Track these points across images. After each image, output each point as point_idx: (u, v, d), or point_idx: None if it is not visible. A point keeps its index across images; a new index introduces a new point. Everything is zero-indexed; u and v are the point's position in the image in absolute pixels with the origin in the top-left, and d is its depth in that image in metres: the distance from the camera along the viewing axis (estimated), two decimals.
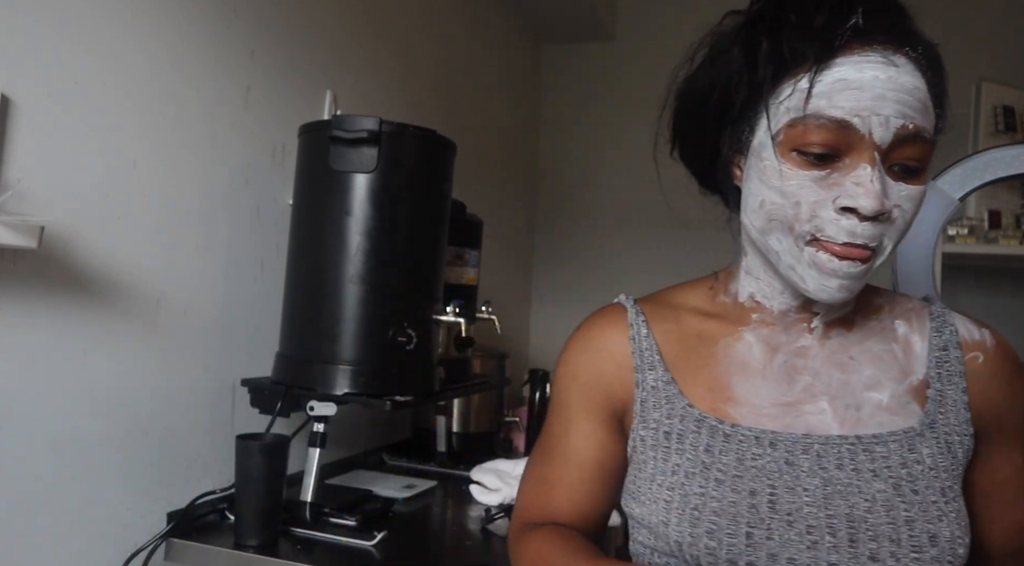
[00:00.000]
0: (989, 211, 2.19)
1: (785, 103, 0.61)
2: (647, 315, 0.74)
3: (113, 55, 1.03)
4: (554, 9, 2.52)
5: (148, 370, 1.11)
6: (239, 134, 1.28)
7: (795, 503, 0.62)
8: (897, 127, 0.59)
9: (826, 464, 0.63)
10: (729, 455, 0.65)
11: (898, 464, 0.63)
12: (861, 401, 0.66)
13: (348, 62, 1.58)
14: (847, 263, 0.60)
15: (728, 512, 0.63)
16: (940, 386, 0.67)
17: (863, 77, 0.58)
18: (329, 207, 1.17)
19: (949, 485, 0.63)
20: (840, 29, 0.59)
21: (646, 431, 0.70)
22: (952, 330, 0.70)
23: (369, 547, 1.10)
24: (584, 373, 0.74)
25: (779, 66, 0.61)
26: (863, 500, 0.61)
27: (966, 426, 0.66)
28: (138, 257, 1.08)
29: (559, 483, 0.75)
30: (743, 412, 0.67)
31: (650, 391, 0.71)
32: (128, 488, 1.08)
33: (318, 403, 1.15)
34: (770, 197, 0.62)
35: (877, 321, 0.71)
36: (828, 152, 0.59)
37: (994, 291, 2.48)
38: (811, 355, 0.68)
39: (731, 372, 0.69)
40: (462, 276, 1.53)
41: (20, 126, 0.91)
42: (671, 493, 0.66)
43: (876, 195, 0.58)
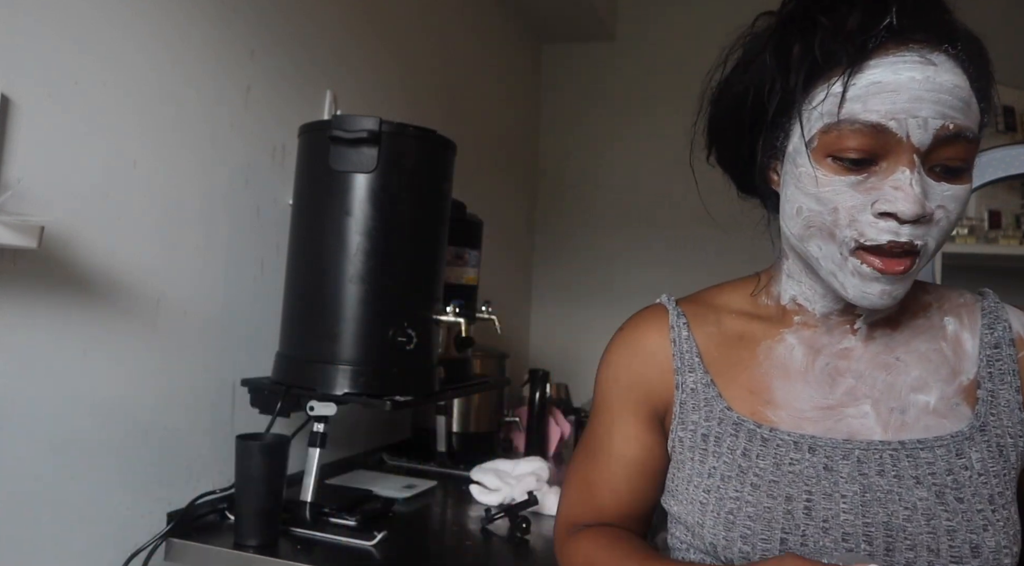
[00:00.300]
0: (989, 211, 2.19)
1: (819, 108, 0.60)
2: (688, 316, 0.73)
3: (113, 55, 1.03)
4: (554, 9, 2.52)
5: (148, 370, 1.11)
6: (239, 134, 1.28)
7: (832, 510, 0.61)
8: (936, 128, 0.57)
9: (866, 470, 0.62)
10: (766, 459, 0.64)
11: (944, 471, 0.61)
12: (907, 404, 0.64)
13: (348, 62, 1.58)
14: (890, 275, 0.59)
15: (763, 517, 0.62)
16: (992, 386, 0.64)
17: (899, 79, 0.57)
18: (329, 207, 1.17)
19: (1000, 491, 0.61)
20: (874, 30, 0.57)
21: (685, 432, 0.70)
22: (1005, 326, 0.67)
23: (369, 547, 1.10)
24: (626, 375, 0.74)
25: (811, 70, 0.60)
26: (903, 508, 0.60)
27: (1020, 427, 0.63)
28: (138, 257, 1.08)
29: (603, 483, 0.75)
30: (782, 416, 0.66)
31: (689, 393, 0.70)
32: (128, 488, 1.08)
33: (318, 403, 1.15)
34: (807, 204, 0.61)
35: (925, 318, 0.69)
36: (864, 157, 0.58)
37: (994, 291, 2.48)
38: (855, 357, 0.67)
39: (771, 375, 0.68)
40: (462, 276, 1.53)
41: (20, 126, 0.91)
42: (707, 495, 0.66)
43: (916, 199, 0.56)
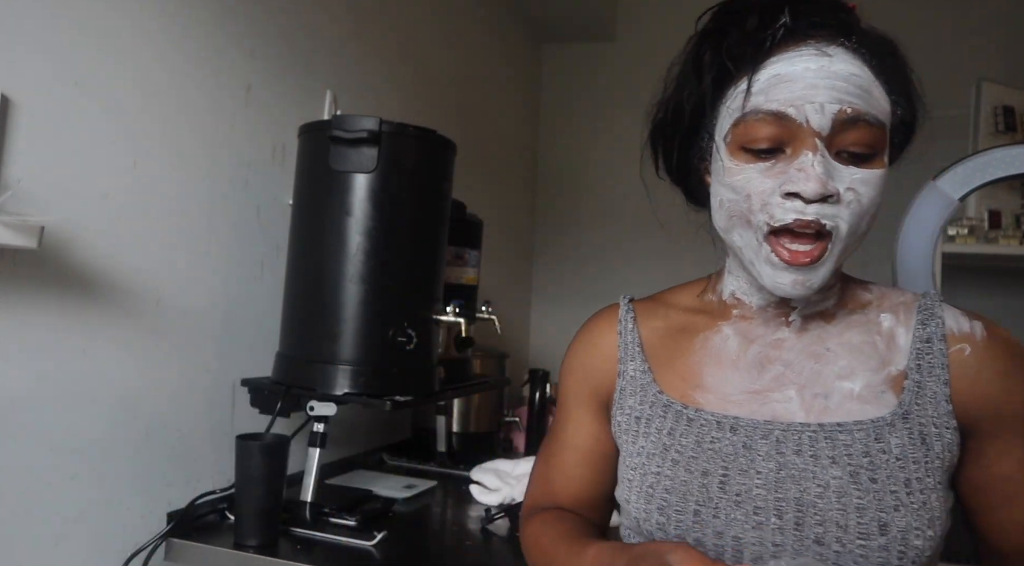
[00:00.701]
0: (989, 211, 2.19)
1: (729, 105, 0.65)
2: (637, 312, 0.79)
3: (113, 56, 1.03)
4: (554, 9, 2.52)
5: (148, 370, 1.11)
6: (239, 134, 1.28)
7: (745, 485, 0.65)
8: (834, 113, 0.61)
9: (784, 450, 0.65)
10: (689, 438, 0.69)
11: (860, 453, 0.63)
12: (831, 390, 0.67)
13: (348, 62, 1.58)
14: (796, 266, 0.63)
15: (679, 490, 0.67)
16: (919, 377, 0.66)
17: (795, 70, 0.61)
18: (329, 207, 1.17)
19: (918, 477, 0.63)
20: (771, 29, 0.62)
21: (622, 417, 0.75)
22: (939, 322, 0.69)
23: (369, 547, 1.10)
24: (578, 367, 0.81)
25: (720, 72, 0.65)
26: (816, 486, 0.63)
27: (947, 418, 0.65)
28: (138, 257, 1.08)
29: (558, 470, 0.81)
30: (710, 399, 0.70)
31: (629, 380, 0.75)
32: (128, 488, 1.08)
33: (318, 403, 1.15)
34: (726, 195, 0.66)
35: (862, 314, 0.72)
36: (771, 144, 0.62)
37: (994, 291, 2.48)
38: (786, 347, 0.70)
39: (704, 362, 0.72)
40: (462, 276, 1.53)
41: (20, 126, 0.91)
42: (633, 472, 0.71)
43: (817, 178, 0.60)
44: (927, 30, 2.56)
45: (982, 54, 2.48)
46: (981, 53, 2.49)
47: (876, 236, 2.69)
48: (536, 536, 0.76)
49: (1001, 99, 2.24)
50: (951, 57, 2.51)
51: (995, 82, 2.28)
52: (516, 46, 2.63)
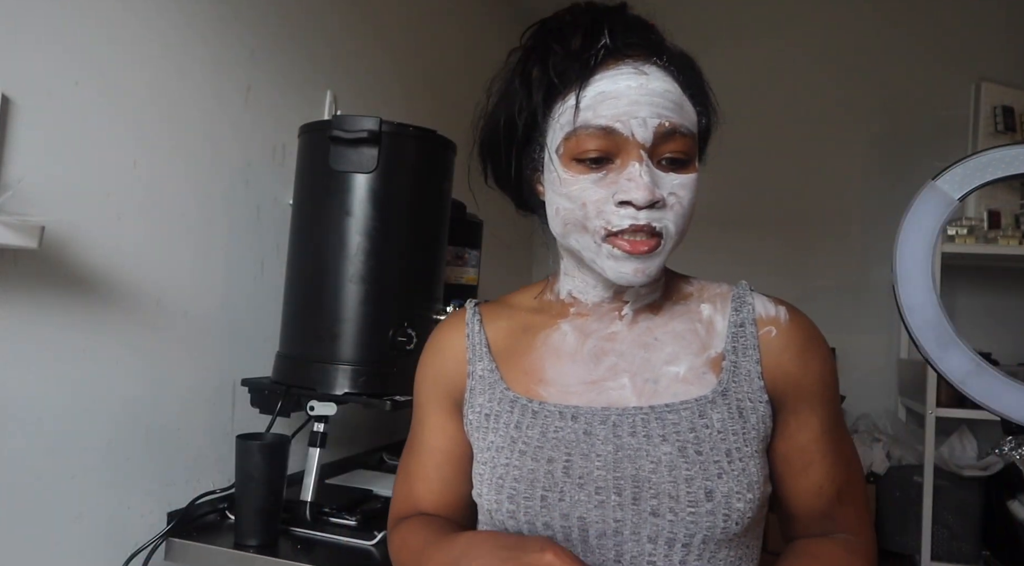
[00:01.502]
0: (988, 211, 2.19)
1: (560, 120, 0.70)
2: (483, 314, 0.84)
3: (113, 56, 1.03)
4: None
5: (148, 370, 1.11)
6: (239, 134, 1.28)
7: (587, 468, 0.70)
8: (655, 126, 0.67)
9: (620, 432, 0.70)
10: (534, 429, 0.73)
11: (687, 429, 0.70)
12: (659, 375, 0.73)
13: (348, 62, 1.58)
14: (637, 255, 0.69)
15: (527, 478, 0.71)
16: (735, 358, 0.73)
17: (618, 87, 0.68)
18: (329, 207, 1.17)
19: (737, 447, 0.69)
20: (593, 49, 0.69)
21: (473, 415, 0.78)
22: (750, 308, 0.76)
23: (369, 547, 1.10)
24: (431, 372, 0.84)
25: (549, 89, 0.70)
26: (649, 462, 0.68)
27: (760, 393, 0.72)
28: (138, 257, 1.08)
29: (417, 474, 0.84)
30: (552, 391, 0.75)
31: (478, 379, 0.79)
32: (128, 488, 1.08)
33: (318, 403, 1.15)
34: (562, 204, 0.71)
35: (684, 305, 0.78)
36: (601, 155, 0.68)
37: (994, 291, 2.48)
38: (619, 339, 0.76)
39: (545, 357, 0.77)
40: (462, 276, 1.53)
41: (20, 126, 0.91)
42: (483, 467, 0.74)
43: (646, 187, 0.66)
44: (927, 30, 2.56)
45: (982, 54, 2.48)
46: (981, 53, 2.49)
47: (876, 236, 2.72)
48: (404, 541, 0.78)
49: (1001, 99, 2.24)
50: (951, 57, 2.52)
51: (995, 82, 2.28)
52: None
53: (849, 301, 2.59)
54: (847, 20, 2.64)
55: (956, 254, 2.11)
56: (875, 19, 2.60)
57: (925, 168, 1.59)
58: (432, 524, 0.78)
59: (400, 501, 0.85)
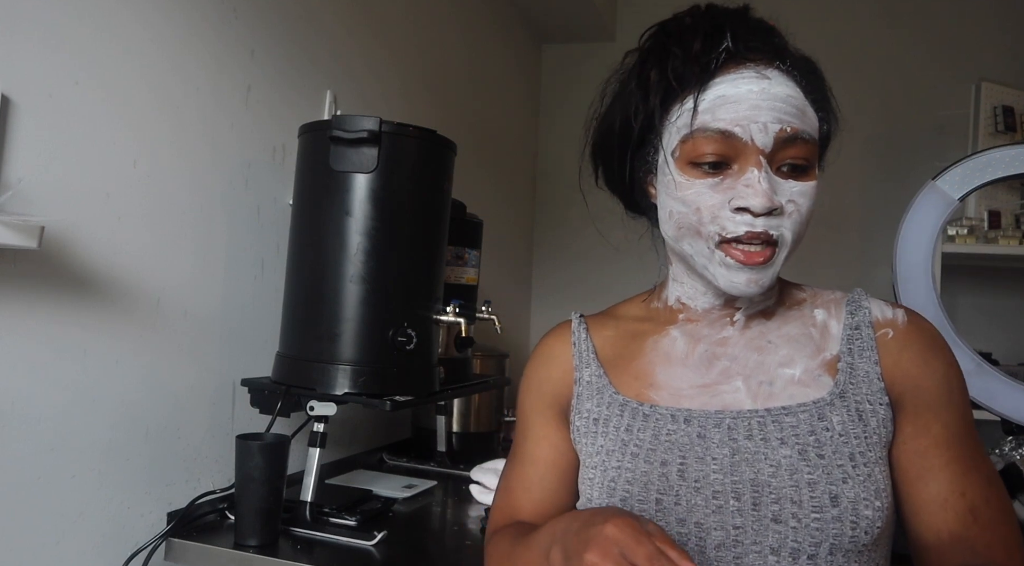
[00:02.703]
0: (988, 211, 2.19)
1: (677, 123, 0.69)
2: (589, 324, 0.84)
3: (113, 55, 1.03)
4: (554, 9, 2.52)
5: (148, 370, 1.11)
6: (239, 134, 1.28)
7: (703, 471, 0.68)
8: (776, 132, 0.66)
9: (736, 436, 0.69)
10: (646, 432, 0.72)
11: (806, 432, 0.67)
12: (774, 377, 0.71)
13: (348, 62, 1.58)
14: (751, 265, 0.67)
15: (640, 481, 0.69)
16: (851, 360, 0.71)
17: (739, 91, 0.66)
18: (329, 207, 1.17)
19: (860, 451, 0.66)
20: (715, 53, 0.67)
21: (580, 420, 0.78)
22: (866, 312, 0.74)
23: (369, 547, 1.10)
24: (536, 381, 0.84)
25: (667, 92, 0.69)
26: (768, 466, 0.66)
27: (880, 395, 0.69)
28: (138, 257, 1.08)
29: (519, 486, 0.83)
30: (663, 395, 0.74)
31: (585, 385, 0.79)
32: (128, 488, 1.08)
33: (318, 403, 1.15)
34: (676, 208, 0.70)
35: (798, 310, 0.77)
36: (719, 160, 0.67)
37: (994, 291, 2.48)
38: (731, 343, 0.75)
39: (655, 362, 0.76)
40: (462, 276, 1.53)
41: (20, 126, 0.91)
42: (594, 471, 0.74)
43: (764, 193, 0.65)
44: (927, 30, 2.56)
45: (982, 54, 2.48)
46: (981, 53, 2.48)
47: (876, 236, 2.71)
48: (497, 547, 0.76)
49: (1001, 99, 2.24)
50: (951, 57, 2.52)
51: (995, 82, 2.28)
52: (516, 46, 2.63)
53: None
54: (847, 20, 2.64)
55: (956, 254, 2.11)
56: (875, 19, 2.60)
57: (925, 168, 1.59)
58: (524, 526, 0.76)
59: (499, 512, 0.84)
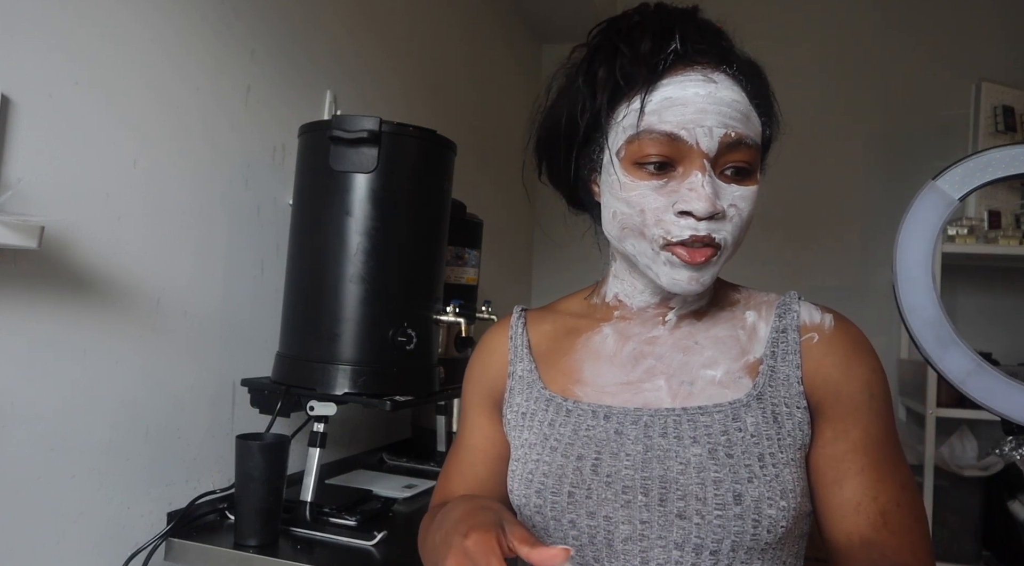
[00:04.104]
0: (989, 211, 2.19)
1: (623, 122, 0.68)
2: (528, 319, 0.86)
3: (113, 55, 1.03)
4: (554, 9, 2.52)
5: (148, 370, 1.11)
6: (239, 134, 1.28)
7: (615, 467, 0.69)
8: (720, 136, 0.66)
9: (651, 433, 0.70)
10: (567, 427, 0.73)
11: (719, 432, 0.68)
12: (696, 378, 0.72)
13: (348, 62, 1.58)
14: (694, 264, 0.68)
15: (555, 474, 0.71)
16: (773, 362, 0.72)
17: (686, 94, 0.66)
18: (329, 207, 1.17)
19: (771, 452, 0.67)
20: (663, 54, 0.67)
21: (511, 413, 0.80)
22: (794, 315, 0.74)
23: (369, 547, 1.10)
24: (475, 373, 0.86)
25: (614, 91, 0.69)
26: (678, 463, 0.67)
27: (798, 399, 0.70)
28: (138, 257, 1.08)
29: (455, 472, 0.85)
30: (587, 391, 0.75)
31: (517, 380, 0.81)
32: (128, 488, 1.08)
33: (318, 403, 1.15)
34: (620, 208, 0.70)
35: (729, 312, 0.78)
36: (663, 161, 0.67)
37: (994, 291, 2.48)
38: (659, 342, 0.76)
39: (584, 359, 0.78)
40: (462, 276, 1.53)
41: (20, 126, 0.91)
42: (516, 464, 0.75)
43: (707, 198, 0.65)
44: (927, 30, 2.56)
45: (982, 54, 2.48)
46: (981, 53, 2.49)
47: (876, 236, 2.71)
48: (424, 524, 0.80)
49: (1001, 99, 2.24)
50: (951, 57, 2.52)
51: (995, 82, 2.28)
52: (516, 46, 2.63)
53: (849, 301, 2.59)
54: (847, 20, 2.64)
55: (956, 254, 2.11)
56: (875, 19, 2.60)
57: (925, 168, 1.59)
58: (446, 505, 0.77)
59: (436, 495, 0.87)
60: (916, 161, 2.46)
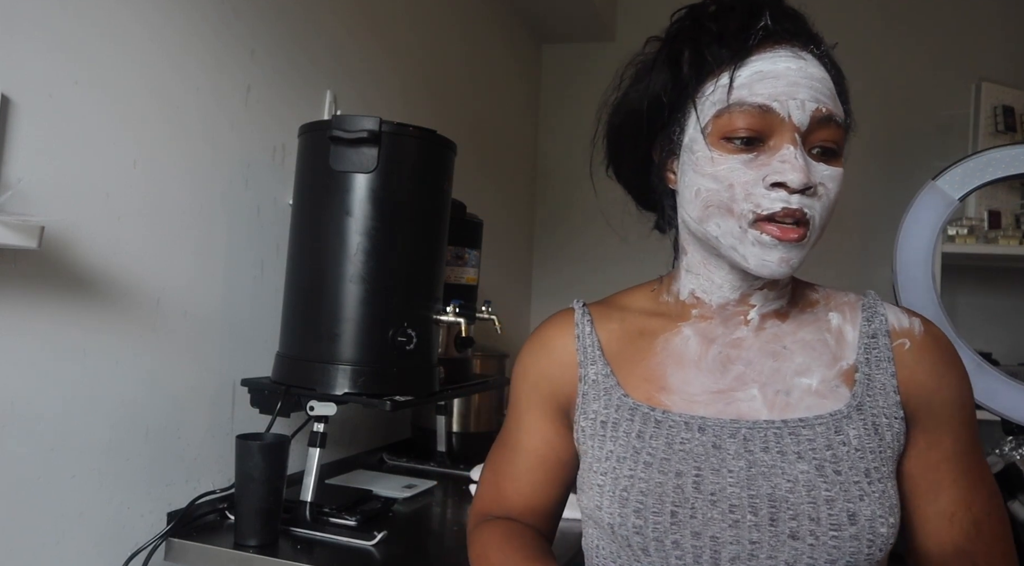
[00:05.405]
0: (988, 211, 2.19)
1: (710, 98, 0.67)
2: (593, 315, 0.80)
3: (113, 55, 1.03)
4: (554, 9, 2.52)
5: (148, 370, 1.11)
6: (239, 134, 1.28)
7: (719, 484, 0.66)
8: (812, 110, 0.64)
9: (752, 447, 0.67)
10: (659, 440, 0.69)
11: (823, 446, 0.66)
12: (791, 386, 0.69)
13: (348, 62, 1.58)
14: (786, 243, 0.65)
15: (654, 492, 0.67)
16: (868, 370, 0.69)
17: (777, 68, 0.65)
18: (329, 207, 1.17)
19: (875, 466, 0.65)
20: (753, 30, 0.66)
21: (586, 421, 0.75)
22: (882, 319, 0.72)
23: (369, 547, 1.10)
24: (533, 372, 0.81)
25: (701, 68, 0.67)
26: (785, 480, 0.64)
27: (895, 409, 0.68)
28: (138, 257, 1.08)
29: (507, 474, 0.82)
30: (676, 400, 0.71)
31: (591, 384, 0.75)
32: (128, 488, 1.08)
33: (318, 403, 1.15)
34: (705, 184, 0.67)
35: (812, 314, 0.74)
36: (754, 135, 0.65)
37: (994, 291, 2.48)
38: (745, 346, 0.72)
39: (667, 363, 0.73)
40: (462, 276, 1.53)
41: (20, 126, 0.91)
42: (604, 478, 0.70)
43: (802, 169, 0.63)
44: (927, 30, 2.56)
45: (982, 54, 2.48)
46: (981, 53, 2.48)
47: (876, 236, 2.70)
48: (485, 548, 0.77)
49: (1001, 99, 2.24)
50: (951, 57, 2.51)
51: (995, 82, 2.28)
52: (516, 46, 2.63)
53: None
54: (847, 20, 2.64)
55: (956, 254, 2.11)
56: (875, 19, 2.59)
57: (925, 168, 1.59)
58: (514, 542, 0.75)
59: (486, 496, 0.84)
60: (916, 161, 2.46)
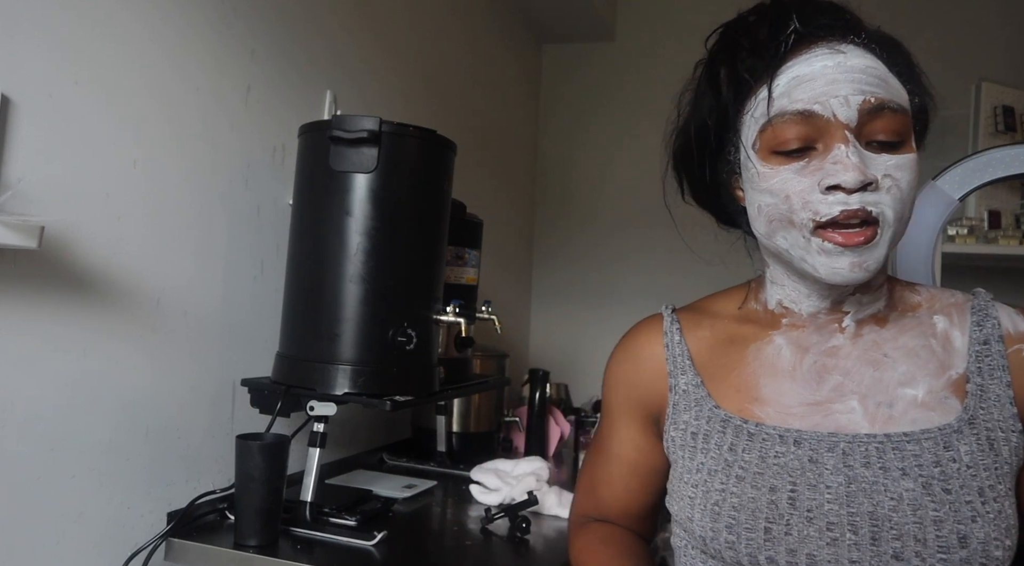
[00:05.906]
0: (989, 211, 2.19)
1: (753, 113, 0.65)
2: (682, 323, 0.77)
3: (113, 55, 1.03)
4: (554, 9, 2.52)
5: (148, 370, 1.11)
6: (239, 134, 1.28)
7: (816, 500, 0.63)
8: (859, 103, 0.61)
9: (851, 462, 0.63)
10: (752, 453, 0.67)
11: (931, 462, 0.61)
12: (894, 398, 0.65)
13: (348, 62, 1.58)
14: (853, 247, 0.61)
15: (747, 507, 0.64)
16: (981, 380, 0.65)
17: (813, 69, 0.62)
18: (329, 207, 1.17)
19: (990, 484, 0.61)
20: (782, 36, 0.64)
21: (676, 432, 0.73)
22: (995, 323, 0.67)
23: (369, 547, 1.10)
24: (623, 381, 0.80)
25: (739, 86, 0.66)
26: (888, 499, 0.61)
27: (1012, 421, 0.63)
28: (138, 257, 1.08)
29: (603, 480, 0.83)
30: (769, 412, 0.68)
31: (681, 394, 0.74)
32: (128, 488, 1.08)
33: (318, 403, 1.15)
34: (764, 200, 0.65)
35: (914, 317, 0.70)
36: (802, 144, 0.63)
37: (994, 291, 2.48)
38: (842, 354, 0.68)
39: (759, 374, 0.70)
40: (462, 276, 1.53)
41: (20, 126, 0.91)
42: (695, 490, 0.69)
43: (855, 167, 0.60)
44: (927, 30, 2.56)
45: (982, 54, 2.48)
46: (981, 53, 2.48)
47: None
48: (587, 552, 0.78)
49: (1001, 99, 2.24)
50: (951, 57, 2.51)
51: (995, 82, 2.28)
52: (516, 46, 2.63)
53: None
54: None
55: (956, 254, 2.11)
56: (875, 19, 2.59)
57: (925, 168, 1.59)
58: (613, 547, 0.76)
59: (585, 500, 0.86)
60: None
